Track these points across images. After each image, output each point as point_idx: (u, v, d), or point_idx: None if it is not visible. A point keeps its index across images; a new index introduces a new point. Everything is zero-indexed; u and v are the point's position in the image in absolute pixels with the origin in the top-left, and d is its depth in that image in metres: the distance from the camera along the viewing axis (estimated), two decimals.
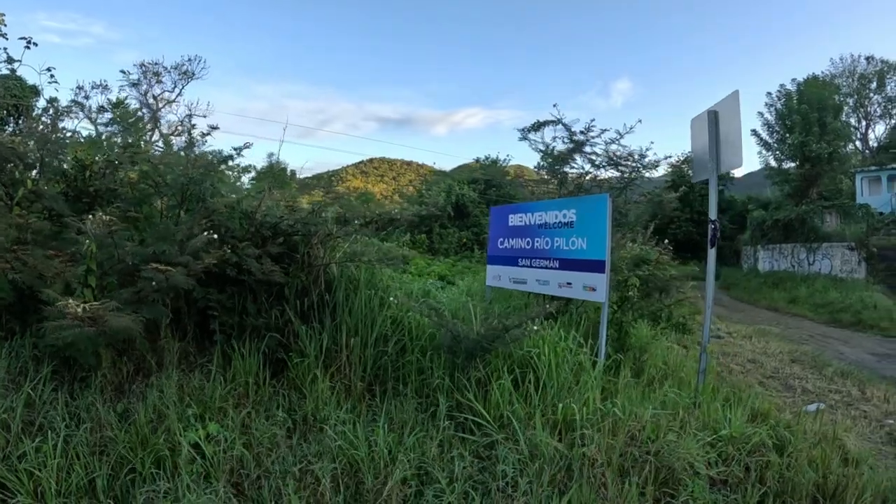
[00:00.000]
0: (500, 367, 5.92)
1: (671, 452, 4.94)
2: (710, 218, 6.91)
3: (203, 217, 6.66)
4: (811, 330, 18.29)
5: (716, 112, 6.88)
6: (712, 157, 6.85)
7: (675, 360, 8.58)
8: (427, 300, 7.24)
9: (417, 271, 16.35)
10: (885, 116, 67.90)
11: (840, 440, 6.52)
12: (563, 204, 7.95)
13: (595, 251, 7.19)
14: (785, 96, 37.23)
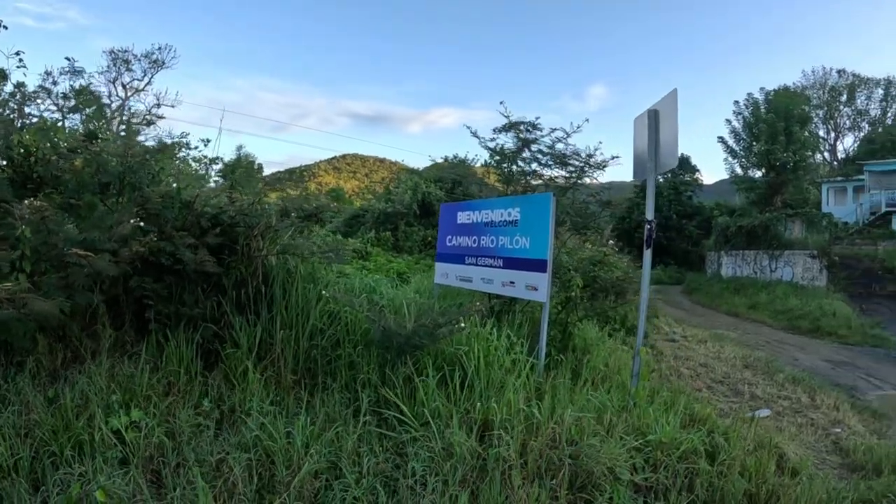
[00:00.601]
0: (430, 364, 5.78)
1: (591, 456, 4.73)
2: (646, 218, 6.67)
3: (136, 205, 6.52)
4: (769, 336, 18.25)
5: (656, 111, 6.63)
6: (651, 156, 6.61)
7: (617, 362, 8.33)
8: (367, 296, 7.21)
9: (377, 268, 16.29)
10: (853, 129, 68.92)
11: (779, 448, 6.34)
12: (508, 202, 7.85)
13: (537, 250, 7.05)
14: (752, 105, 37.58)
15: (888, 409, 9.55)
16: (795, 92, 43.95)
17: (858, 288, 24.95)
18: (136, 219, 6.31)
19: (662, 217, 48.10)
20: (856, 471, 6.57)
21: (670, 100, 6.43)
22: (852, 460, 6.81)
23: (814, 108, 61.88)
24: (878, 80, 68.90)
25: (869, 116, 69.11)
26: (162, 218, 6.62)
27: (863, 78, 69.60)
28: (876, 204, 37.62)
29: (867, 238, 30.65)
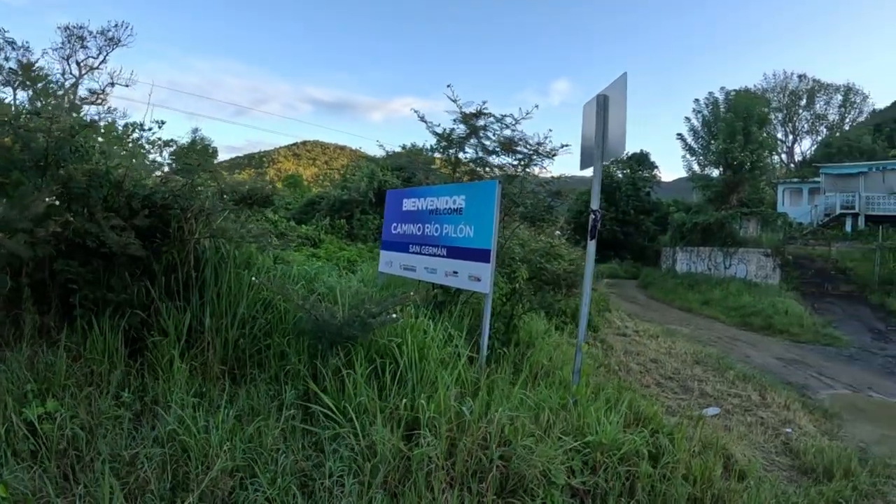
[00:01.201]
0: (362, 355, 5.51)
1: (523, 458, 4.43)
2: (591, 208, 6.25)
3: (58, 183, 6.10)
4: (721, 332, 18.16)
5: (606, 96, 6.28)
6: (598, 143, 6.24)
7: (562, 357, 8.04)
8: (304, 284, 7.07)
9: (327, 255, 15.90)
10: (811, 133, 70.17)
11: (727, 449, 6.11)
12: (453, 189, 7.51)
13: (481, 239, 6.72)
14: (712, 104, 37.71)
15: (839, 408, 9.39)
16: (755, 94, 44.33)
17: (811, 287, 25.10)
18: (52, 197, 5.96)
19: (620, 212, 48.65)
20: (806, 473, 6.34)
21: (620, 84, 6.10)
22: (802, 462, 6.55)
23: (773, 111, 62.84)
24: (838, 86, 70.52)
25: (827, 121, 70.66)
26: (91, 198, 6.19)
27: (823, 83, 71.16)
28: (830, 206, 38.29)
29: (821, 239, 31.04)
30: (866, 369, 13.24)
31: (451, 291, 7.96)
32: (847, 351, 15.65)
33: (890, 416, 9.34)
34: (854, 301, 23.47)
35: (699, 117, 39.09)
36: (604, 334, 13.46)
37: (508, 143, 8.42)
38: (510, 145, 8.44)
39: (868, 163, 42.37)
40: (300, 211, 27.01)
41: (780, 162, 69.30)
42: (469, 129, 8.53)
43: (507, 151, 8.60)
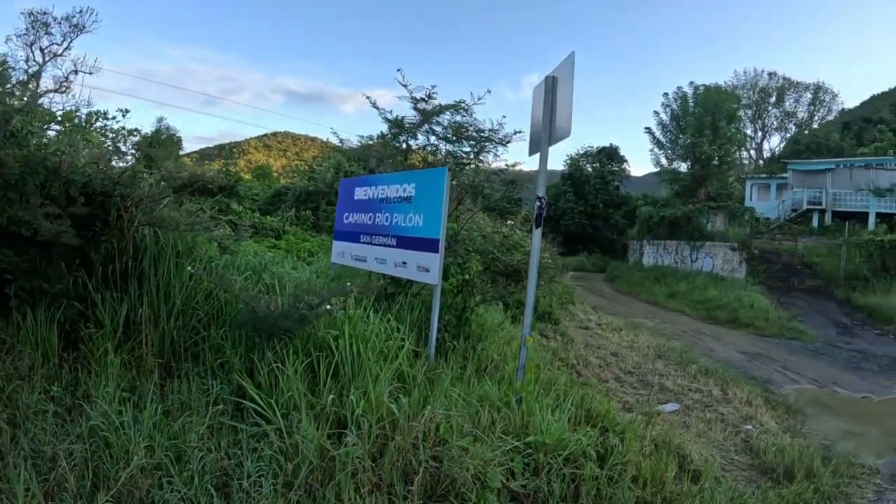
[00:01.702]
0: (299, 348, 5.36)
1: (455, 460, 4.16)
2: (537, 195, 5.95)
3: None
4: (686, 325, 17.96)
5: (555, 78, 5.97)
6: (546, 126, 5.93)
7: (514, 351, 7.70)
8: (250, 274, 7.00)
9: (288, 246, 15.60)
10: (780, 129, 70.96)
11: (682, 449, 5.82)
12: (403, 177, 7.32)
13: (430, 229, 6.51)
14: (681, 98, 37.58)
15: (803, 403, 9.15)
16: (725, 90, 44.36)
17: (777, 281, 25.08)
18: None
19: (589, 205, 48.70)
20: (767, 473, 6.04)
21: (567, 65, 5.80)
22: (763, 461, 6.24)
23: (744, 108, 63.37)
24: (808, 84, 71.49)
25: (796, 118, 71.55)
26: (27, 185, 5.87)
27: (793, 81, 72.10)
28: (798, 201, 38.68)
29: (788, 234, 31.20)
30: (832, 364, 13.04)
31: (402, 283, 7.71)
32: (812, 345, 15.46)
33: (855, 412, 9.13)
34: (820, 295, 23.47)
35: (668, 111, 38.99)
36: (565, 327, 13.13)
37: (459, 129, 8.13)
38: (461, 131, 8.15)
39: (836, 160, 42.84)
40: (267, 202, 26.62)
41: (750, 158, 69.92)
42: (420, 114, 8.22)
43: (458, 138, 8.30)
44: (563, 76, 5.82)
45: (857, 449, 6.97)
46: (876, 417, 8.98)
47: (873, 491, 5.88)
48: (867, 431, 8.11)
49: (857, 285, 23.06)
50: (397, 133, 8.56)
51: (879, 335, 17.33)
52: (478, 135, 8.18)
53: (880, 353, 14.38)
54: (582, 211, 48.57)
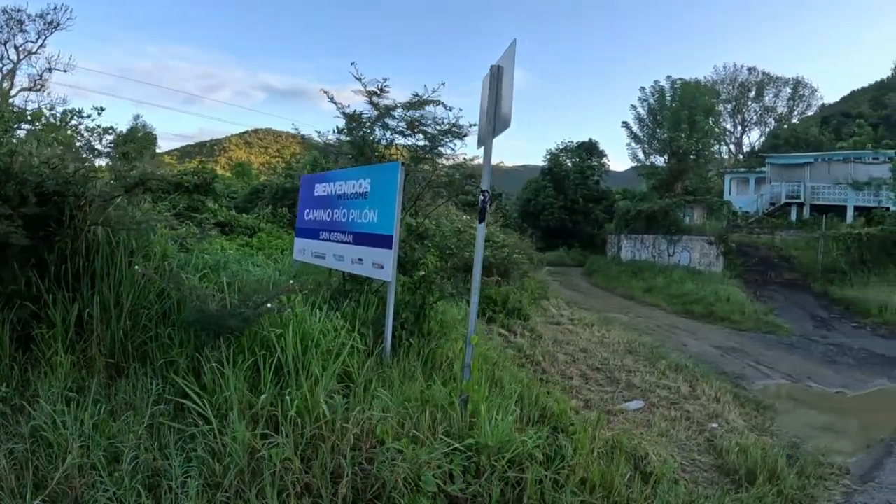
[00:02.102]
0: (245, 347, 5.27)
1: (386, 462, 4.01)
2: (481, 188, 5.75)
3: None
4: (661, 320, 17.82)
5: (500, 67, 5.75)
6: (490, 117, 5.75)
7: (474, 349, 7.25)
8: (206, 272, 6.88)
9: (260, 244, 15.38)
10: (760, 124, 71.24)
11: (641, 449, 5.56)
12: (359, 173, 7.19)
13: (384, 225, 6.38)
14: (658, 92, 37.47)
15: (774, 399, 9.01)
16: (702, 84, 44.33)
17: (754, 275, 24.96)
18: None
19: (569, 200, 48.60)
20: (729, 475, 5.77)
21: (510, 53, 5.63)
22: (725, 462, 5.98)
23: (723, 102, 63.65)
24: (787, 79, 71.80)
25: (776, 113, 71.93)
26: None
27: (773, 76, 72.48)
28: (776, 195, 38.76)
29: (766, 227, 31.13)
30: (807, 358, 12.89)
31: (361, 279, 7.56)
32: (788, 339, 15.33)
33: (828, 408, 8.99)
34: (797, 289, 23.37)
35: (645, 106, 38.97)
36: (535, 323, 12.82)
37: (413, 123, 7.90)
38: (415, 124, 7.92)
39: (814, 153, 43.04)
40: (244, 199, 26.34)
41: (729, 153, 70.19)
42: (375, 108, 8.01)
43: (412, 131, 8.08)
44: (506, 65, 5.64)
45: (827, 447, 6.77)
46: (850, 413, 8.84)
47: (841, 493, 5.64)
48: (840, 428, 7.97)
49: (835, 278, 23.01)
50: (353, 128, 8.31)
51: (856, 328, 17.25)
52: (434, 128, 7.94)
53: (857, 347, 14.27)
54: (562, 206, 48.50)
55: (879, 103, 69.79)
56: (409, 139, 8.25)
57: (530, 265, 19.73)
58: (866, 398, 9.71)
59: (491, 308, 12.07)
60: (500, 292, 12.73)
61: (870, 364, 12.42)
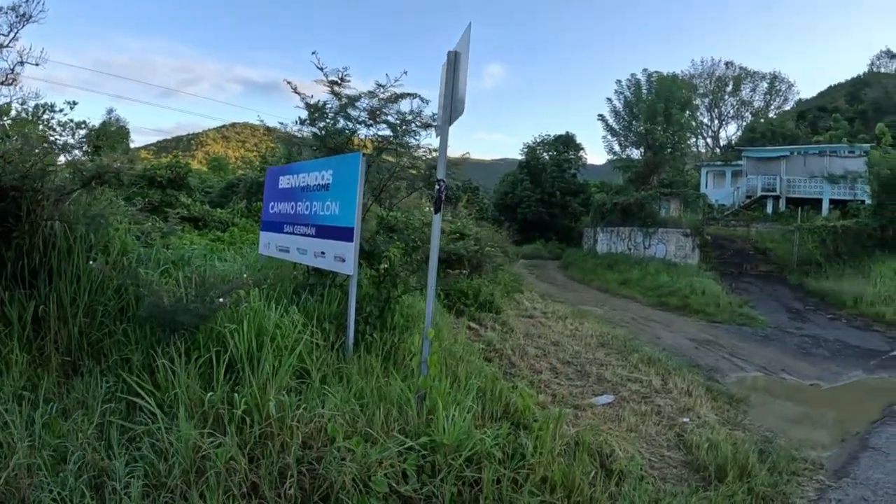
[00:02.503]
0: (201, 343, 5.21)
1: (335, 462, 3.88)
2: (437, 178, 5.55)
3: None
4: (636, 312, 17.67)
5: (457, 53, 5.57)
6: (447, 104, 5.55)
7: (440, 343, 7.20)
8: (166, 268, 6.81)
9: (231, 239, 15.50)
10: (736, 118, 71.65)
11: (606, 446, 5.39)
12: (321, 164, 7.10)
13: (345, 217, 6.28)
14: (634, 85, 37.44)
15: (748, 392, 8.81)
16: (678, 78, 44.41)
17: (730, 267, 24.97)
18: None
19: (546, 193, 48.68)
20: (699, 471, 5.56)
21: (465, 38, 5.47)
22: (695, 458, 5.78)
23: (700, 97, 63.98)
24: (765, 74, 72.30)
25: (752, 107, 72.40)
26: None
27: (749, 71, 72.97)
28: (752, 188, 38.89)
29: (742, 220, 31.14)
30: (782, 350, 12.78)
31: (325, 273, 7.38)
32: (763, 331, 15.20)
33: (802, 401, 8.84)
34: (773, 281, 23.39)
35: (621, 99, 38.94)
36: (507, 316, 12.59)
37: (374, 112, 7.66)
38: (376, 114, 7.69)
39: (790, 147, 43.31)
40: (220, 194, 26.04)
41: (706, 146, 70.53)
42: (336, 98, 7.79)
43: (375, 121, 7.84)
44: (463, 50, 5.46)
45: (801, 441, 6.63)
46: (824, 406, 8.71)
47: (815, 489, 5.45)
48: (814, 421, 7.83)
49: (810, 270, 23.02)
50: (315, 118, 8.12)
51: (832, 319, 17.16)
52: (396, 118, 7.74)
53: (832, 338, 14.17)
54: (539, 199, 48.61)
55: (856, 98, 70.38)
56: (372, 130, 8.00)
57: (505, 258, 19.55)
58: (841, 390, 9.59)
59: (462, 301, 11.87)
60: (472, 285, 12.53)
61: (844, 356, 12.33)
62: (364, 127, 7.94)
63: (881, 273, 19.91)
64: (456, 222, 14.95)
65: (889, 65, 75.97)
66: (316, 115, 8.00)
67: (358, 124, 7.92)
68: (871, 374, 10.77)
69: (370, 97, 7.52)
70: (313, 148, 8.35)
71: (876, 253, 22.79)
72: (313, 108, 7.92)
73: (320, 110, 7.92)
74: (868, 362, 11.69)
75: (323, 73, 7.47)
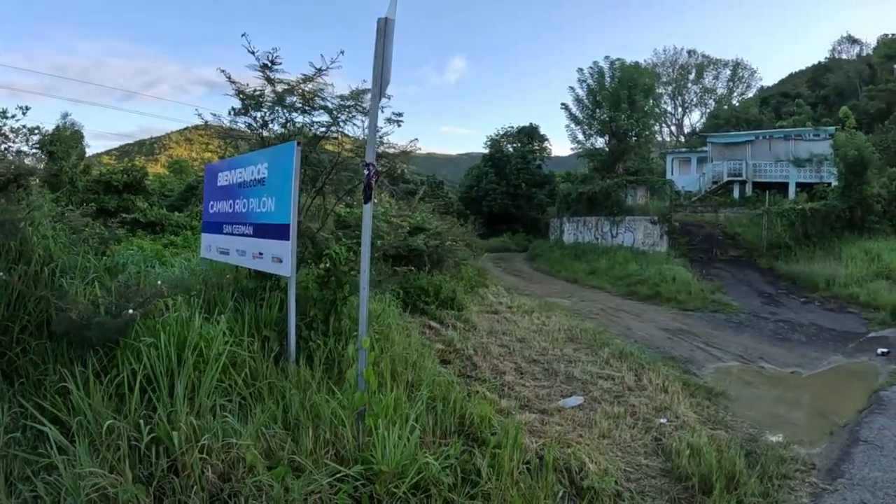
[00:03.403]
0: (121, 360, 4.65)
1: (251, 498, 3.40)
2: (365, 161, 4.98)
3: None
4: (606, 303, 17.23)
5: (387, 19, 5.02)
6: (377, 77, 4.99)
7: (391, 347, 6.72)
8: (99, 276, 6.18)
9: (185, 243, 15.63)
10: (700, 105, 72.31)
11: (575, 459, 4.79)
12: (256, 157, 6.62)
13: (281, 213, 5.83)
14: (597, 73, 37.08)
15: (727, 384, 8.34)
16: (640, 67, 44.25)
17: (699, 253, 24.78)
18: None
19: (511, 185, 48.88)
20: (681, 481, 4.95)
21: (394, 4, 5.04)
22: (675, 466, 5.17)
23: (664, 85, 64.30)
24: (727, 61, 72.98)
25: (716, 94, 73.08)
26: None
27: (712, 59, 73.64)
28: (718, 174, 38.78)
29: (709, 205, 30.93)
30: (757, 336, 12.42)
31: (267, 276, 6.83)
32: (737, 317, 14.86)
33: (784, 391, 8.40)
34: (743, 265, 23.20)
35: (584, 87, 38.57)
36: (470, 313, 11.94)
37: (306, 95, 7.02)
38: (308, 97, 7.05)
39: (755, 132, 43.40)
40: (179, 197, 25.37)
41: (671, 134, 70.83)
42: (269, 83, 7.11)
43: (310, 107, 7.22)
44: (392, 17, 4.99)
45: (787, 437, 6.14)
46: (807, 395, 8.28)
47: (809, 493, 4.91)
48: (798, 414, 7.38)
49: (780, 254, 22.93)
50: (249, 106, 7.44)
51: (805, 303, 16.92)
52: (332, 102, 7.08)
53: (807, 322, 13.89)
54: (504, 191, 48.74)
55: (818, 83, 71.09)
56: (308, 117, 7.41)
57: (469, 252, 18.98)
58: (822, 378, 9.17)
59: (422, 299, 11.23)
60: (432, 282, 11.90)
61: (821, 340, 12.01)
62: (300, 114, 7.32)
63: (852, 254, 19.86)
64: (416, 216, 14.30)
65: (850, 50, 76.80)
66: (251, 105, 7.32)
67: (294, 112, 7.28)
68: (851, 357, 10.43)
69: (306, 81, 6.88)
70: (251, 142, 7.78)
71: (845, 234, 22.80)
72: (247, 97, 7.24)
73: (254, 99, 7.24)
74: (846, 345, 11.38)
75: (255, 56, 6.79)
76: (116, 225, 13.19)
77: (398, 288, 10.90)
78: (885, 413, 6.99)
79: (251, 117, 7.41)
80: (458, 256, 15.59)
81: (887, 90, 53.82)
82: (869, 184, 23.16)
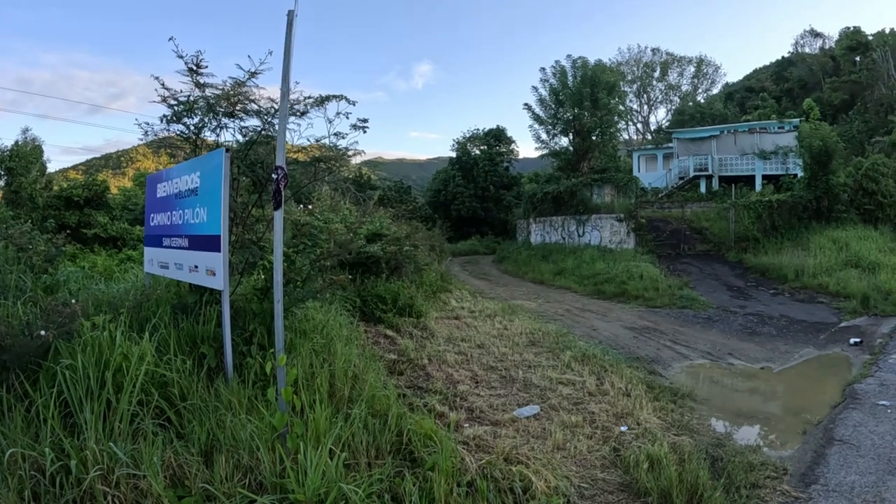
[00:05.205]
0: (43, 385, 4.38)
1: None
2: (275, 165, 4.76)
3: None
4: (571, 303, 16.93)
5: (291, 11, 4.80)
6: (285, 73, 4.76)
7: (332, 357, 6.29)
8: None
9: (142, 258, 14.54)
10: (665, 102, 72.77)
11: (522, 477, 4.37)
12: (189, 167, 6.39)
13: (212, 224, 5.57)
14: (559, 72, 36.85)
15: (693, 384, 8.07)
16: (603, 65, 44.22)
17: (667, 249, 24.72)
18: None
19: (479, 188, 48.77)
20: (640, 496, 4.55)
21: None
22: (634, 480, 4.79)
23: (628, 83, 64.54)
24: (691, 58, 73.49)
25: (680, 91, 73.51)
26: None
27: (676, 56, 74.08)
28: (685, 169, 38.83)
29: (676, 201, 30.77)
30: (726, 332, 12.17)
31: (205, 290, 6.47)
32: (705, 312, 14.64)
33: (754, 388, 8.13)
34: (711, 260, 23.13)
35: (546, 86, 38.33)
36: (429, 319, 11.52)
37: (230, 97, 6.60)
38: (233, 99, 6.63)
39: (720, 126, 43.59)
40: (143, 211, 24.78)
41: (637, 132, 71.07)
42: (197, 87, 6.73)
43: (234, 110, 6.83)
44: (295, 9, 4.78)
45: (757, 440, 5.89)
46: (778, 392, 8.07)
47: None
48: (769, 413, 7.08)
49: (748, 246, 22.94)
50: (181, 114, 7.06)
51: (774, 294, 16.80)
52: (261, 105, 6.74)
53: (777, 314, 13.72)
54: (472, 194, 48.66)
55: (782, 77, 71.63)
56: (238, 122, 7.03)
57: (433, 256, 18.56)
58: (794, 372, 8.92)
59: (379, 307, 10.77)
60: (390, 289, 11.49)
61: (792, 332, 11.80)
62: (229, 119, 6.92)
63: (819, 244, 19.85)
64: (374, 222, 13.86)
65: (813, 44, 77.28)
66: (183, 111, 6.93)
67: (225, 116, 6.87)
68: (823, 349, 10.23)
69: (239, 86, 6.50)
70: (185, 151, 7.42)
71: (812, 224, 22.86)
72: (178, 103, 6.86)
73: (184, 105, 6.85)
74: (818, 337, 11.20)
75: (183, 60, 6.44)
76: (63, 241, 12.54)
77: (354, 297, 10.48)
78: (860, 408, 6.70)
79: (184, 125, 7.00)
80: (419, 262, 15.15)
81: (850, 81, 54.36)
82: (835, 173, 23.24)
